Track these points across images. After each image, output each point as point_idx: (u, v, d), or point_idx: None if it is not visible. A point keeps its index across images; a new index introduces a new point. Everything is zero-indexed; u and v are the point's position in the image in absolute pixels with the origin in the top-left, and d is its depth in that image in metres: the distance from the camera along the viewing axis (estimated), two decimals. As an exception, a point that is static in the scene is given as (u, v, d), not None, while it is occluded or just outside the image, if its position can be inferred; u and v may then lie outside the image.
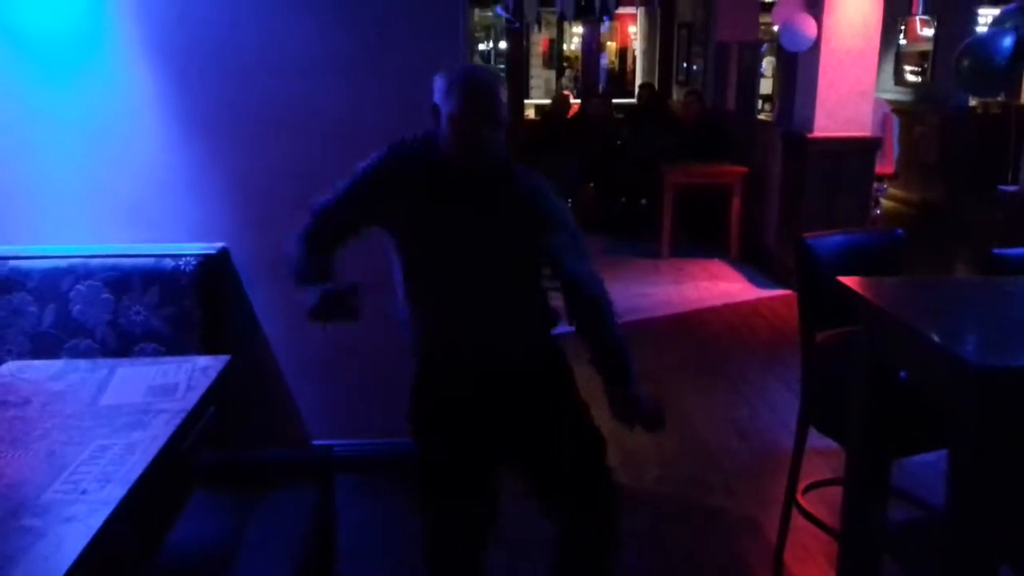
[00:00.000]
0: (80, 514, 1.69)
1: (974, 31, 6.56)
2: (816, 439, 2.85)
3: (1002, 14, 3.99)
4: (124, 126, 3.03)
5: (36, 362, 2.61)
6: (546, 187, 2.16)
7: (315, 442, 3.24)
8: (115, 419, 2.11)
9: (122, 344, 2.91)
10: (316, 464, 2.70)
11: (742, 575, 2.90)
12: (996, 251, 2.63)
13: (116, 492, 1.77)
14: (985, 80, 3.91)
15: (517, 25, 7.86)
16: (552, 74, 12.52)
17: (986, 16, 6.63)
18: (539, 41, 12.15)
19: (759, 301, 5.87)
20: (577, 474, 2.20)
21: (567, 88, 11.66)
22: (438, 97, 2.04)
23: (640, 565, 2.87)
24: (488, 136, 2.02)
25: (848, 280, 2.28)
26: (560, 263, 2.11)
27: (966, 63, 3.85)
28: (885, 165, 6.41)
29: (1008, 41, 3.71)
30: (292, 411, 3.22)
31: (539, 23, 11.17)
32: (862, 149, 5.90)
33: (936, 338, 1.94)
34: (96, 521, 1.67)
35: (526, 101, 9.10)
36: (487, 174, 2.09)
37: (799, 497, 2.95)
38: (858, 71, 5.78)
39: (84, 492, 1.79)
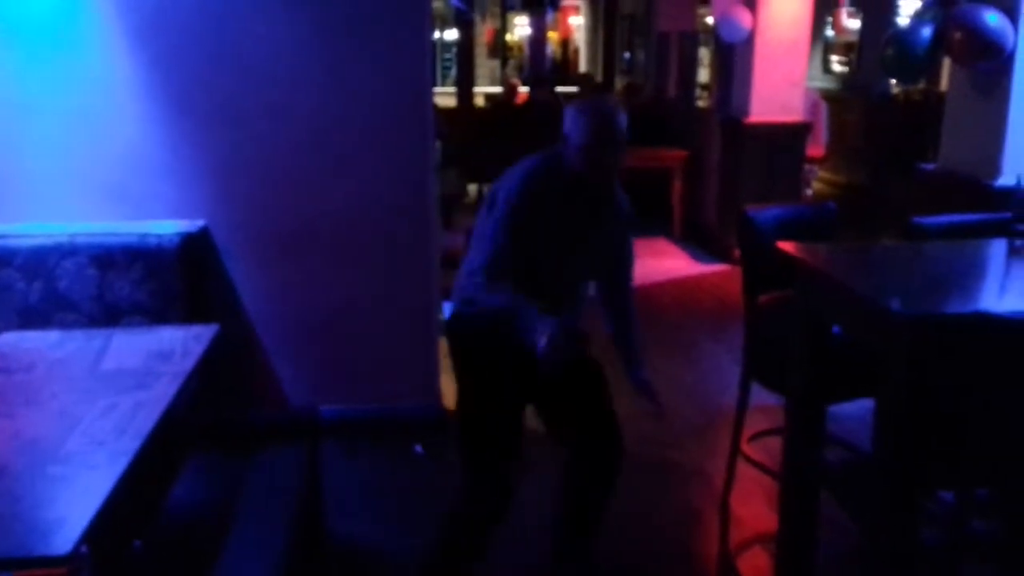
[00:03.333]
0: (102, 462, 1.84)
1: (896, 23, 6.95)
2: (757, 398, 3.14)
3: (922, 7, 4.30)
4: (106, 110, 3.15)
5: (32, 332, 2.73)
6: (628, 201, 2.59)
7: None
8: (119, 381, 2.26)
9: (108, 317, 3.04)
10: (302, 425, 2.86)
11: (692, 518, 3.17)
12: (915, 219, 2.93)
13: (131, 444, 1.92)
14: (906, 68, 4.24)
15: (469, 15, 8.02)
16: (496, 63, 12.71)
17: (907, 8, 7.03)
18: (484, 31, 12.31)
19: (701, 276, 6.22)
20: (588, 408, 2.53)
21: (511, 76, 11.86)
22: (568, 126, 2.34)
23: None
24: (613, 160, 2.35)
25: (786, 245, 2.55)
26: (619, 268, 2.65)
27: (889, 52, 4.17)
28: (816, 148, 6.78)
29: (927, 32, 4.03)
30: (273, 377, 3.39)
31: (483, 13, 11.33)
32: (794, 134, 6.26)
33: (865, 293, 2.21)
34: (118, 468, 1.83)
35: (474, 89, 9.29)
36: (601, 191, 2.43)
37: (743, 446, 3.23)
38: (790, 61, 6.13)
39: (102, 443, 1.94)
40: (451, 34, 10.44)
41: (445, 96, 9.34)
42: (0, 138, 3.12)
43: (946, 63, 5.19)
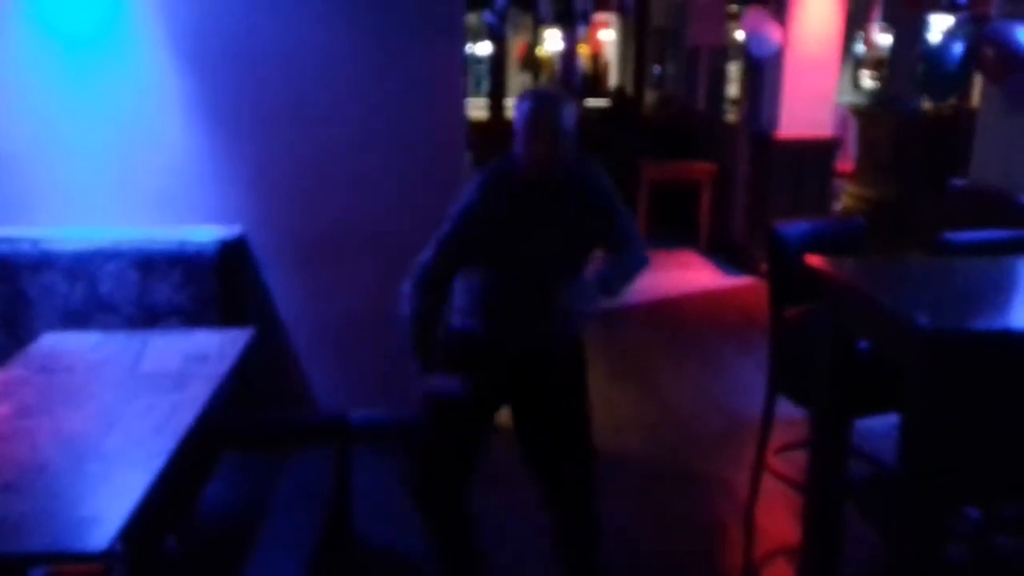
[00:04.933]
0: (139, 461, 1.91)
1: (927, 39, 6.94)
2: (782, 410, 3.14)
3: (955, 23, 4.31)
4: (149, 118, 3.24)
5: (73, 334, 2.81)
6: (605, 180, 2.43)
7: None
8: (156, 382, 2.33)
9: (147, 319, 3.13)
10: (332, 429, 2.91)
11: (716, 529, 3.18)
12: (945, 235, 2.93)
13: (168, 444, 1.98)
14: (938, 84, 4.24)
15: (501, 30, 8.10)
16: (527, 76, 12.76)
17: (939, 24, 7.00)
18: (515, 45, 12.36)
19: (728, 288, 6.24)
20: (564, 450, 2.48)
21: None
22: (513, 116, 2.29)
23: (623, 524, 3.13)
24: (549, 150, 2.22)
25: (813, 259, 2.56)
26: (621, 240, 2.46)
27: (921, 68, 4.18)
28: (845, 163, 6.77)
29: (959, 48, 4.03)
30: (305, 381, 3.45)
31: (515, 27, 11.38)
32: (823, 148, 6.27)
33: (892, 307, 2.22)
34: (154, 467, 1.89)
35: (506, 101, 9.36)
36: (556, 181, 2.31)
37: (768, 458, 3.23)
38: (820, 76, 6.13)
39: (139, 443, 2.00)
40: (483, 47, 10.50)
41: (477, 108, 9.42)
42: (46, 145, 3.22)
43: (978, 79, 5.17)
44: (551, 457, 2.50)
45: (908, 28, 7.31)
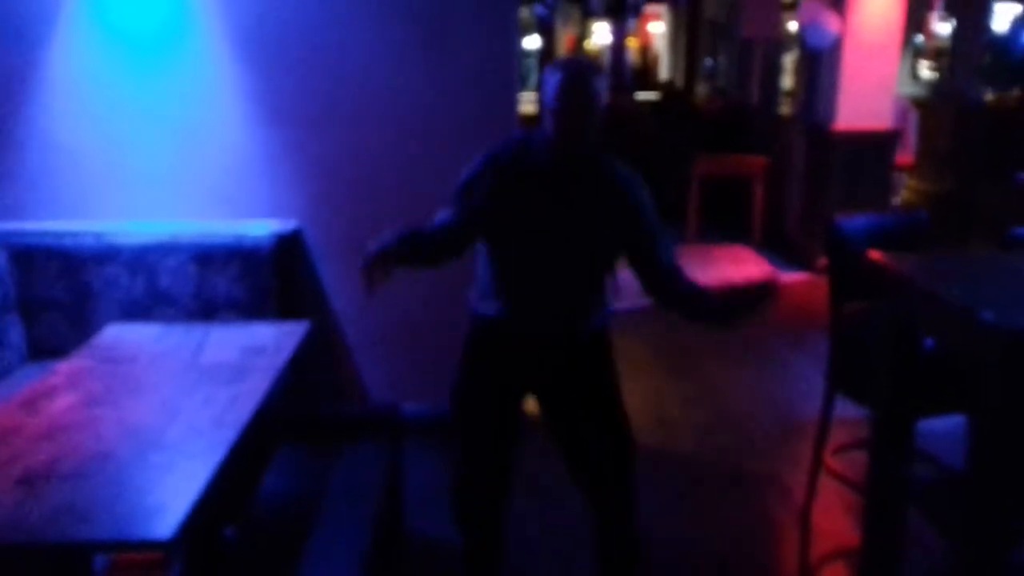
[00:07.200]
0: (200, 451, 1.94)
1: (989, 28, 6.74)
2: (839, 410, 3.07)
3: (1023, 12, 4.18)
4: (209, 115, 3.29)
5: (136, 325, 2.87)
6: (635, 177, 2.31)
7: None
8: (216, 374, 2.36)
9: (205, 312, 3.18)
10: (386, 421, 2.93)
11: (771, 531, 3.13)
12: (1015, 230, 2.85)
13: (228, 434, 2.02)
14: (1004, 74, 4.12)
15: (550, 23, 8.10)
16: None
17: (1002, 13, 6.80)
18: (564, 38, 12.34)
19: (782, 284, 6.11)
20: (601, 451, 2.40)
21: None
22: (542, 89, 2.19)
23: (676, 524, 3.10)
24: (580, 125, 2.12)
25: (876, 254, 2.50)
26: (647, 253, 2.33)
27: (987, 58, 4.06)
28: (905, 156, 6.61)
29: (1025, 37, 3.91)
30: (358, 374, 3.48)
31: (565, 20, 11.36)
32: (882, 141, 6.12)
33: (957, 303, 2.15)
34: (216, 457, 1.91)
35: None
36: (578, 162, 2.21)
37: (825, 458, 3.17)
38: (880, 66, 5.98)
39: (200, 433, 2.03)
40: (531, 41, 10.50)
41: (526, 102, 9.42)
42: (109, 140, 3.28)
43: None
44: (584, 454, 2.42)
45: (971, 17, 7.11)
